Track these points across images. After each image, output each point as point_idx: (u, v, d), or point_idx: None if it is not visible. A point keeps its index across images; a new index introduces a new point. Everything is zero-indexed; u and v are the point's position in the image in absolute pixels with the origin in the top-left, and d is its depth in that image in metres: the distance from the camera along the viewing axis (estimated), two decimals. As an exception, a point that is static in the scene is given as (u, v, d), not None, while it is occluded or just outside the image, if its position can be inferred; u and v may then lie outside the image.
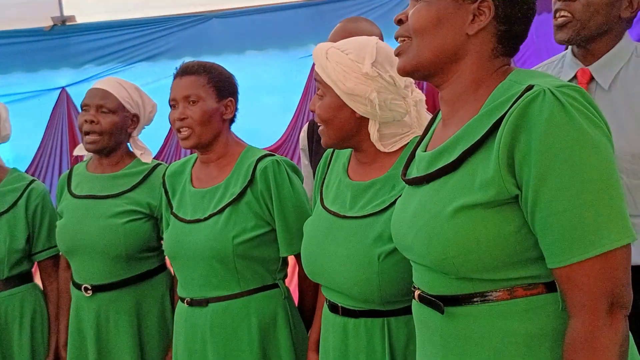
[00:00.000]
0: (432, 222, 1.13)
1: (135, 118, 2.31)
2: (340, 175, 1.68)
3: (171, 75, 1.99)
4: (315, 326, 1.83)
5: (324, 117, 1.58)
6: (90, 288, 2.18)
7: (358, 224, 1.55)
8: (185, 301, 1.93)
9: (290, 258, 1.99)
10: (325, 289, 1.64)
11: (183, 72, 1.94)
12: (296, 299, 2.04)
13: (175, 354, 1.99)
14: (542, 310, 1.09)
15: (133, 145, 2.36)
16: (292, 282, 2.20)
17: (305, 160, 2.46)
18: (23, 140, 5.41)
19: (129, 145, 2.37)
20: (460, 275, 1.12)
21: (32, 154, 5.84)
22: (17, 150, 5.49)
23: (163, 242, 2.04)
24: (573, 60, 1.86)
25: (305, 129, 2.47)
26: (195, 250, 1.88)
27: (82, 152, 2.37)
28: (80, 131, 2.26)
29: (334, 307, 1.61)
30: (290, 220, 1.88)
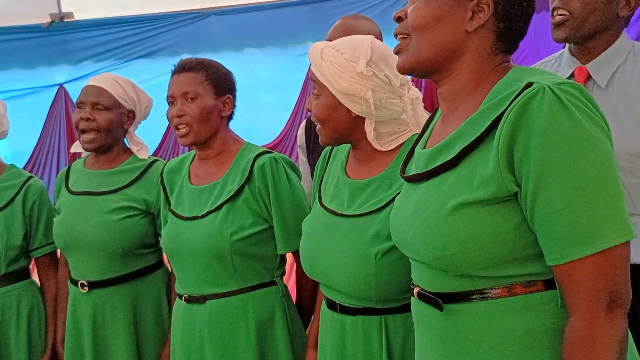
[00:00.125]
0: (431, 219, 1.13)
1: (131, 114, 2.31)
2: (339, 174, 1.68)
3: (169, 73, 1.99)
4: (315, 324, 1.82)
5: (320, 116, 1.59)
6: (86, 284, 2.18)
7: (355, 223, 1.55)
8: (183, 298, 1.93)
9: (289, 255, 2.00)
10: (324, 286, 1.64)
11: (181, 68, 1.94)
12: (294, 296, 2.05)
13: (173, 350, 1.99)
14: (541, 308, 1.09)
15: (130, 141, 2.36)
16: (290, 280, 2.20)
17: (302, 157, 2.46)
18: (21, 136, 5.42)
19: (126, 141, 2.37)
20: (459, 272, 1.12)
21: (30, 150, 5.85)
22: (15, 146, 5.49)
23: (161, 239, 2.04)
24: (570, 59, 1.86)
25: (303, 125, 2.47)
26: (192, 247, 1.88)
27: (80, 149, 2.37)
28: (77, 129, 2.26)
29: (332, 305, 1.61)
30: (288, 218, 1.88)
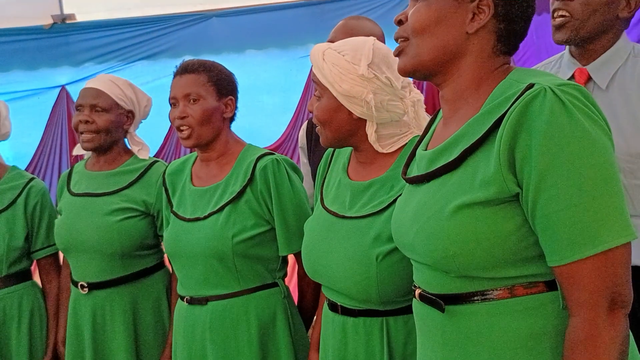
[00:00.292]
0: (432, 221, 1.14)
1: (130, 114, 2.31)
2: (340, 175, 1.69)
3: (171, 74, 1.99)
4: (317, 326, 1.83)
5: (321, 118, 1.59)
6: (86, 285, 2.19)
7: (357, 224, 1.55)
8: (185, 299, 1.93)
9: (290, 257, 1.99)
10: (325, 288, 1.64)
11: (183, 70, 1.94)
12: (295, 298, 2.05)
13: (174, 352, 1.99)
14: (542, 309, 1.09)
15: (130, 141, 2.36)
16: (291, 281, 2.21)
17: (304, 159, 2.46)
18: (23, 138, 5.42)
19: (127, 141, 2.37)
20: (460, 273, 1.12)
21: (31, 152, 5.85)
22: (16, 148, 5.49)
23: (163, 241, 2.04)
24: (571, 60, 1.86)
25: (304, 127, 2.47)
26: (194, 249, 1.88)
27: (81, 151, 2.37)
28: (76, 131, 2.26)
29: (333, 306, 1.61)
30: (290, 219, 1.88)
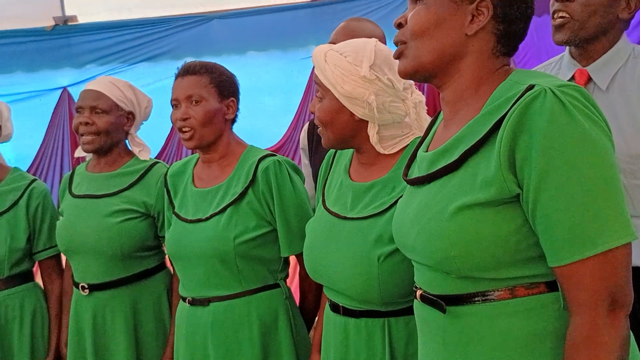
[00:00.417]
0: (433, 222, 1.14)
1: (130, 115, 2.31)
2: (342, 176, 1.69)
3: (172, 76, 1.99)
4: (319, 327, 1.83)
5: (323, 119, 1.59)
6: (87, 287, 2.19)
7: (358, 225, 1.55)
8: (187, 300, 1.94)
9: (292, 258, 2.00)
10: (327, 289, 1.64)
11: (185, 72, 1.94)
12: (297, 299, 2.05)
13: (176, 353, 1.99)
14: (543, 310, 1.10)
15: (131, 142, 2.36)
16: (292, 282, 2.21)
17: (305, 160, 2.47)
18: (24, 140, 5.42)
19: (128, 143, 2.37)
20: (461, 274, 1.13)
21: (33, 153, 5.87)
22: (18, 149, 5.49)
23: (165, 242, 2.04)
24: (571, 62, 1.86)
25: (305, 128, 2.48)
26: (196, 250, 1.88)
27: (83, 153, 2.37)
28: (77, 133, 2.26)
29: (335, 307, 1.61)
30: (292, 221, 1.89)
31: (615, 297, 1.02)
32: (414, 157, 1.38)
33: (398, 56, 1.25)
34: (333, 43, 1.77)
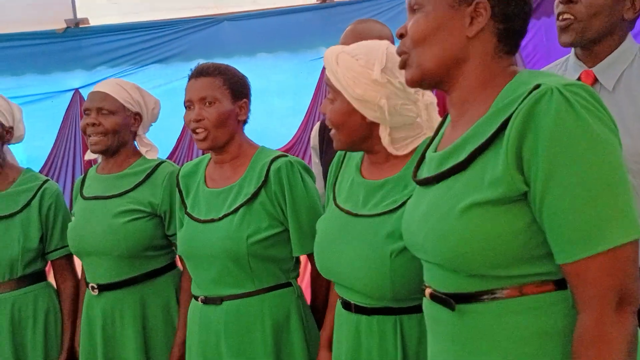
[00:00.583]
0: (442, 221, 1.15)
1: (137, 116, 2.32)
2: (353, 174, 1.69)
3: (183, 78, 2.00)
4: (327, 324, 1.83)
5: (335, 121, 1.59)
6: (96, 287, 2.21)
7: (370, 222, 1.55)
8: (200, 299, 1.94)
9: (302, 257, 2.00)
10: (338, 286, 1.64)
11: (199, 73, 1.95)
12: (307, 297, 2.06)
13: (189, 351, 2.00)
14: (552, 308, 1.10)
15: (139, 143, 2.37)
16: (303, 281, 2.22)
17: (315, 159, 2.48)
18: (36, 141, 5.47)
19: (136, 144, 2.38)
20: (470, 272, 1.14)
21: (45, 154, 5.89)
22: (30, 151, 5.54)
23: (177, 241, 2.06)
24: (576, 63, 1.86)
25: (316, 127, 2.49)
26: (209, 250, 1.89)
27: (92, 156, 2.39)
28: (84, 134, 2.28)
29: (346, 305, 1.61)
30: (303, 221, 1.89)
31: (623, 294, 1.02)
32: (422, 158, 1.38)
33: (403, 66, 1.26)
34: (343, 46, 1.77)
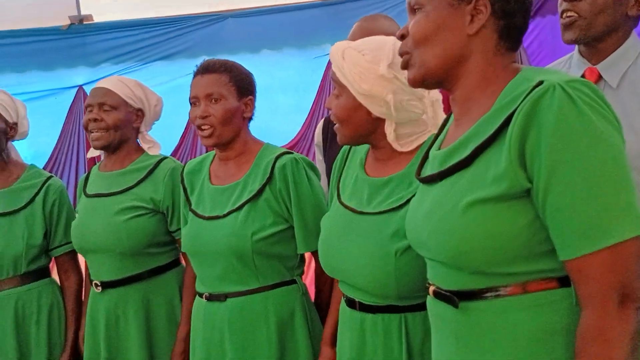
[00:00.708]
0: (446, 218, 1.15)
1: (139, 112, 2.32)
2: (357, 171, 1.68)
3: (187, 75, 2.00)
4: (330, 321, 1.83)
5: (340, 116, 1.59)
6: (99, 284, 2.21)
7: (375, 220, 1.55)
8: (204, 296, 1.94)
9: (307, 254, 2.00)
10: (343, 284, 1.64)
11: (205, 70, 1.95)
12: (312, 294, 2.05)
13: (192, 348, 2.00)
14: (555, 306, 1.10)
15: (142, 140, 2.37)
16: (307, 278, 2.21)
17: (319, 156, 2.47)
18: (40, 137, 5.46)
19: (139, 141, 2.38)
20: (474, 269, 1.14)
21: (49, 151, 5.89)
22: (34, 147, 5.53)
23: (182, 238, 2.05)
24: (580, 60, 1.86)
25: (320, 124, 2.48)
26: (214, 247, 1.89)
27: (95, 153, 2.39)
28: (86, 130, 2.28)
29: (351, 303, 1.61)
30: (308, 218, 1.89)
31: (626, 291, 1.02)
32: (426, 156, 1.38)
33: (405, 66, 1.26)
34: (350, 42, 1.77)
